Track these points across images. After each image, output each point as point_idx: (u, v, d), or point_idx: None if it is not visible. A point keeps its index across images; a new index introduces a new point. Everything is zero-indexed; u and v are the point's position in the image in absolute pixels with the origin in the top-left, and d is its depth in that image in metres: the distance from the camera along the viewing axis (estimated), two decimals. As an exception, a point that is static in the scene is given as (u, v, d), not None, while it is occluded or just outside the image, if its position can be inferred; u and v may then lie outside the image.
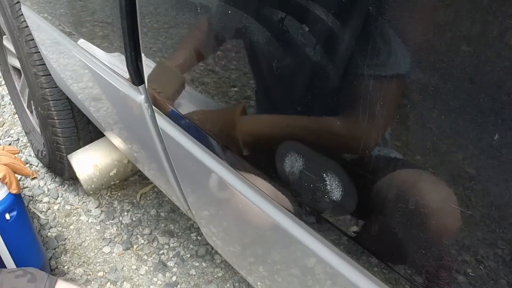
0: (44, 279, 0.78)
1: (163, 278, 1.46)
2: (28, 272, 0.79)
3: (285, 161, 0.52)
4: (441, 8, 0.31)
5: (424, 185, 0.38)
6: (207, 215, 0.91)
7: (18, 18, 1.34)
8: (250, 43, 0.49)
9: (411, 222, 0.39)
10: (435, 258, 0.39)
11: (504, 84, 0.29)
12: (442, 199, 0.37)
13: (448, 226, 0.37)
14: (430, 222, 0.38)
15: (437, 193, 0.37)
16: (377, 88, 0.37)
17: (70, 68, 1.14)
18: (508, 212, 0.32)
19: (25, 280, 0.76)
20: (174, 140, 0.76)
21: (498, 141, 0.31)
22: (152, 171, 1.11)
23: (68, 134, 1.49)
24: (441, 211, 0.37)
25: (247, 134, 0.57)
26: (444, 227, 0.37)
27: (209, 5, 0.53)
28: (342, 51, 0.39)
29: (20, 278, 0.77)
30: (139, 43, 0.71)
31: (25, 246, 1.25)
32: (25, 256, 1.25)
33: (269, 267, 0.75)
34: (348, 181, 0.45)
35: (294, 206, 0.55)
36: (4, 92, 2.26)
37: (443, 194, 0.36)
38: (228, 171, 0.66)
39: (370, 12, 0.35)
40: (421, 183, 0.38)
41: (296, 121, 0.48)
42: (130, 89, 0.83)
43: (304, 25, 0.40)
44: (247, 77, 0.52)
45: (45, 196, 1.74)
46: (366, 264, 0.48)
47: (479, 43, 0.30)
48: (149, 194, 1.74)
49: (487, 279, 0.36)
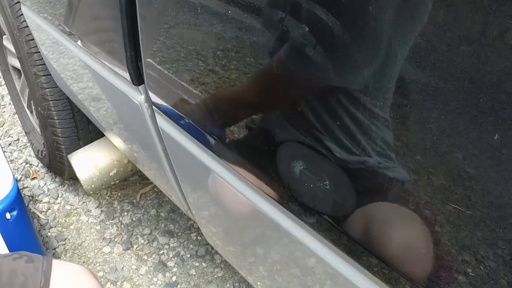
0: (40, 259, 0.79)
1: (163, 278, 1.46)
2: (23, 254, 0.80)
3: (285, 161, 0.52)
4: (440, 8, 0.31)
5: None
6: (207, 215, 0.91)
7: (18, 18, 1.34)
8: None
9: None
10: (435, 258, 0.39)
11: (504, 84, 0.29)
12: (443, 199, 0.37)
13: (450, 226, 0.37)
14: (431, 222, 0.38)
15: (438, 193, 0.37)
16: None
17: (70, 68, 1.14)
18: (508, 212, 0.32)
19: (22, 261, 0.78)
20: (174, 140, 0.76)
21: (498, 141, 0.31)
22: (152, 171, 1.11)
23: (68, 134, 1.49)
24: (441, 211, 0.37)
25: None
26: (447, 227, 0.37)
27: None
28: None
29: (18, 260, 0.78)
30: (139, 43, 0.71)
31: (25, 246, 1.25)
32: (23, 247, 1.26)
33: (269, 267, 0.75)
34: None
35: (294, 206, 0.55)
36: (4, 92, 2.26)
37: (444, 194, 0.36)
38: (228, 171, 0.66)
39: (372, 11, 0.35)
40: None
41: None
42: (130, 89, 0.83)
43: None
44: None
45: (45, 196, 1.74)
46: (366, 264, 0.48)
47: (479, 43, 0.30)
48: (149, 194, 1.74)
49: (487, 279, 0.36)
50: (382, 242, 0.44)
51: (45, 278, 0.76)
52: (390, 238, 0.43)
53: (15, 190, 1.19)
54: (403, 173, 0.39)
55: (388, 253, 0.43)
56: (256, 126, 0.57)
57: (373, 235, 0.45)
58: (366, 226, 0.45)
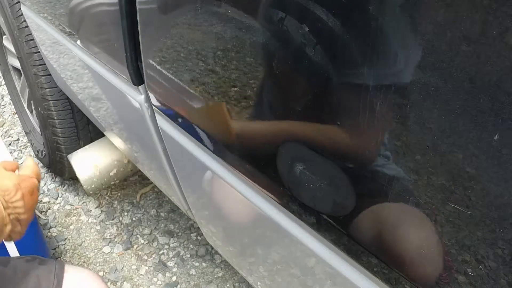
0: (53, 262, 0.81)
1: (163, 278, 1.46)
2: (36, 257, 0.83)
3: (286, 161, 0.52)
4: (441, 8, 0.31)
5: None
6: (207, 215, 0.91)
7: (18, 18, 1.34)
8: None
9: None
10: (435, 257, 0.39)
11: (504, 84, 0.29)
12: (443, 199, 0.37)
13: (449, 226, 0.37)
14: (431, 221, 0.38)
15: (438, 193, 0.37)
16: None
17: (70, 68, 1.14)
18: (508, 212, 0.32)
19: (36, 263, 0.80)
20: (174, 140, 0.76)
21: (498, 141, 0.31)
22: (152, 171, 1.11)
23: (68, 134, 1.49)
24: (442, 211, 0.37)
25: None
26: (444, 227, 0.37)
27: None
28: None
29: (31, 262, 0.80)
30: (139, 43, 0.71)
31: (31, 241, 1.26)
32: (31, 250, 1.26)
33: (269, 267, 0.75)
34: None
35: (294, 206, 0.55)
36: (4, 92, 2.26)
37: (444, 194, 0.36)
38: (228, 171, 0.66)
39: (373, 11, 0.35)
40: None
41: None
42: (130, 89, 0.83)
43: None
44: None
45: (45, 196, 1.74)
46: (366, 264, 0.48)
47: (479, 43, 0.30)
48: (149, 194, 1.74)
49: (487, 279, 0.36)
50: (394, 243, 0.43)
51: (57, 280, 0.78)
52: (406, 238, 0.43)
53: None
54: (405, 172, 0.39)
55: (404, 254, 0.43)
56: (256, 125, 0.57)
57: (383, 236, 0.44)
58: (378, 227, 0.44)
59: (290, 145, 0.50)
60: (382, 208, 0.43)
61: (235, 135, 0.59)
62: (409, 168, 0.38)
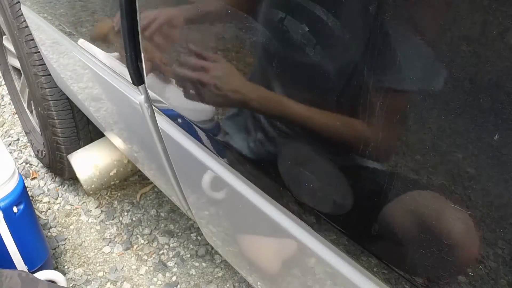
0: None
1: (163, 278, 1.46)
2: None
3: (286, 161, 0.52)
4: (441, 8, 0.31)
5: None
6: (207, 215, 0.91)
7: (18, 18, 1.35)
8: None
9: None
10: (435, 258, 0.39)
11: (504, 84, 0.29)
12: (443, 199, 0.37)
13: (450, 226, 0.37)
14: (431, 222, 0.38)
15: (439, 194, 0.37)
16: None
17: (70, 68, 1.14)
18: (508, 212, 0.32)
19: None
20: (174, 140, 0.76)
21: (498, 141, 0.31)
22: (152, 171, 1.11)
23: (68, 134, 1.49)
24: (443, 211, 0.37)
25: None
26: (445, 227, 0.37)
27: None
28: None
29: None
30: (139, 43, 0.71)
31: (31, 239, 1.26)
32: (31, 249, 1.26)
33: (269, 267, 0.75)
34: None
35: (294, 206, 0.55)
36: (4, 92, 2.26)
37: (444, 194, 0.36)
38: (228, 171, 0.66)
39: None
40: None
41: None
42: (130, 89, 0.83)
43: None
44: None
45: (45, 196, 1.74)
46: (366, 264, 0.48)
47: (479, 43, 0.30)
48: (149, 194, 1.74)
49: (487, 279, 0.36)
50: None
51: None
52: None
53: (21, 184, 1.20)
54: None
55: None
56: (256, 125, 0.57)
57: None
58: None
59: (290, 145, 0.50)
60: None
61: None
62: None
